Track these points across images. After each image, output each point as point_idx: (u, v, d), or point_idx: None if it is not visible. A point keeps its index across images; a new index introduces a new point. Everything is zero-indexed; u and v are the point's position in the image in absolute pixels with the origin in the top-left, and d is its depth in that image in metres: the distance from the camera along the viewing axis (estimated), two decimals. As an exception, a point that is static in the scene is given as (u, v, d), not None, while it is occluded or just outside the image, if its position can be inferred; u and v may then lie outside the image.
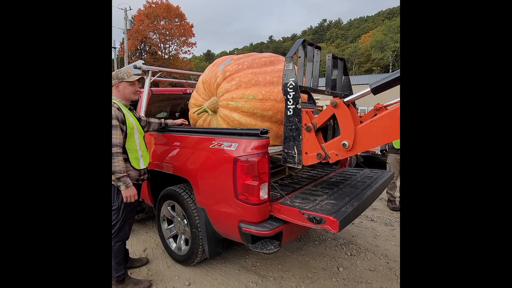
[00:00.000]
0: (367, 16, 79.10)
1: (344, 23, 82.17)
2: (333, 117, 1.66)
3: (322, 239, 2.85)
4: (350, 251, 2.61)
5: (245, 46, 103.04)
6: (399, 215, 3.52)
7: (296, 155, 1.78)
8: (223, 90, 2.15)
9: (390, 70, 44.31)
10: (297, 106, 1.71)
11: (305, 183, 2.34)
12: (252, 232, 1.74)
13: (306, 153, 1.76)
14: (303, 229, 2.22)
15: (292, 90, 1.72)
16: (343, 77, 2.37)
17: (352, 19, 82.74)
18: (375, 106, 2.23)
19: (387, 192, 3.80)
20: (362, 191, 2.08)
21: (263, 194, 1.76)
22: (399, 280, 2.18)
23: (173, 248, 2.44)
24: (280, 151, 2.16)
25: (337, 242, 2.78)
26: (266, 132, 1.76)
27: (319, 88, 2.16)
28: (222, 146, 1.86)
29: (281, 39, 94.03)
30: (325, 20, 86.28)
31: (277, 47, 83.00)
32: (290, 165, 1.82)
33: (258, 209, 1.76)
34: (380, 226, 3.20)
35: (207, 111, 2.30)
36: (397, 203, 3.73)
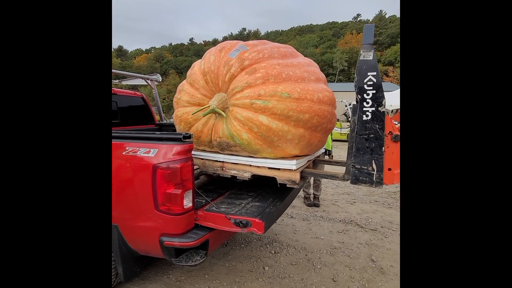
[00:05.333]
0: (281, 30, 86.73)
1: (262, 34, 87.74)
2: None
3: (248, 241, 2.90)
4: (274, 249, 2.74)
5: (163, 45, 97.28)
6: (314, 210, 3.93)
7: (374, 172, 1.43)
8: (242, 84, 1.64)
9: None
10: (379, 108, 1.38)
11: (230, 187, 2.33)
12: (175, 245, 1.61)
13: (390, 169, 1.43)
14: (230, 234, 2.20)
15: (372, 88, 1.38)
16: None
17: (269, 31, 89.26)
18: None
19: (303, 190, 4.19)
20: (282, 190, 2.21)
21: (187, 202, 1.65)
22: (316, 270, 2.41)
23: (75, 277, 2.03)
24: (309, 162, 1.95)
25: (262, 242, 2.88)
26: (189, 137, 1.67)
27: None
28: (138, 153, 1.65)
29: (202, 43, 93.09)
30: (244, 29, 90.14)
31: (199, 50, 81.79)
32: (363, 185, 1.48)
33: (182, 219, 1.64)
34: (299, 221, 3.49)
35: (218, 112, 1.71)
36: (312, 199, 4.16)
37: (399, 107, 1.43)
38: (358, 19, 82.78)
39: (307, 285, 2.19)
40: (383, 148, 1.41)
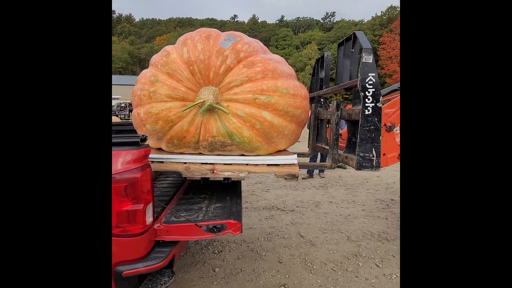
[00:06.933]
0: (159, 19, 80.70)
1: (136, 20, 78.76)
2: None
3: (185, 247, 2.69)
4: (216, 249, 2.67)
5: None
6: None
7: (374, 158, 1.66)
8: (242, 77, 1.54)
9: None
10: (377, 104, 1.61)
11: (173, 193, 2.09)
12: (140, 271, 1.33)
13: (384, 154, 1.74)
14: (186, 245, 2.00)
15: (372, 87, 1.60)
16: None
17: (145, 18, 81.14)
18: None
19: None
20: (233, 187, 2.20)
21: (149, 217, 1.39)
22: (262, 257, 2.55)
23: None
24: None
25: (201, 245, 2.75)
26: (145, 139, 1.39)
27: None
28: (72, 165, 1.23)
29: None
30: (114, 12, 78.00)
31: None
32: (365, 170, 1.69)
33: (143, 239, 1.37)
34: (228, 216, 3.53)
35: (217, 109, 1.54)
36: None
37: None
38: (235, 19, 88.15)
39: (260, 274, 2.30)
40: (380, 137, 1.67)
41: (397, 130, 2.07)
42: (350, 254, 2.62)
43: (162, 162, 1.65)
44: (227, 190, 2.12)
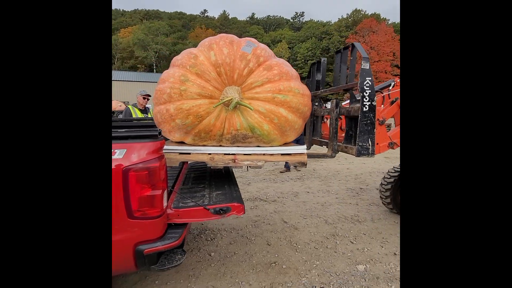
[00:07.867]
0: (123, 10, 76.18)
1: (97, 10, 73.29)
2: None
3: (179, 237, 2.84)
4: (209, 237, 2.87)
5: None
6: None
7: (370, 147, 1.97)
8: (262, 79, 1.78)
9: (154, 70, 46.55)
10: (373, 103, 1.90)
11: (172, 184, 2.25)
12: (160, 249, 1.50)
13: (377, 143, 2.06)
14: (189, 228, 2.17)
15: (368, 88, 1.89)
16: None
17: (107, 8, 75.86)
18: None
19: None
20: (228, 176, 2.41)
21: (165, 202, 1.56)
22: (252, 241, 2.80)
23: None
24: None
25: (193, 234, 2.92)
26: (160, 133, 1.55)
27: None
28: (98, 156, 1.36)
29: None
30: None
31: None
32: (364, 156, 2.01)
33: (161, 221, 1.55)
34: (215, 208, 3.72)
35: (243, 105, 1.75)
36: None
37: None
38: (205, 14, 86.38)
39: (252, 255, 2.55)
40: (375, 130, 1.99)
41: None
42: (328, 234, 2.98)
43: (189, 153, 1.83)
44: (223, 180, 2.33)
